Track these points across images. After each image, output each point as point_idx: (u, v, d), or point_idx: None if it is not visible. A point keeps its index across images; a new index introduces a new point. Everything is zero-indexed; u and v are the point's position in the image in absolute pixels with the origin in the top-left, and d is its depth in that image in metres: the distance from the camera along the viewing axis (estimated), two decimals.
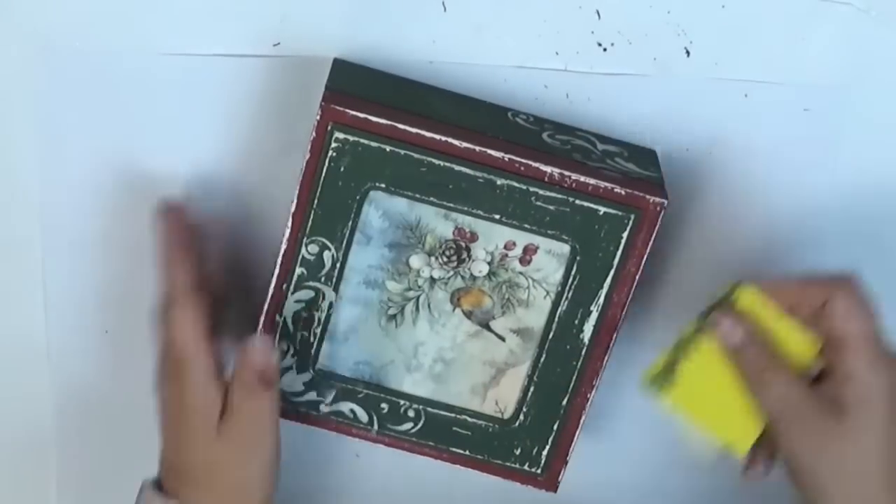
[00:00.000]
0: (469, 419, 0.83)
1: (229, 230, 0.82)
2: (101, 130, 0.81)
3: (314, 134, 0.74)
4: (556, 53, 0.79)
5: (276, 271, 0.78)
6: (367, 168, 0.75)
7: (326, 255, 0.78)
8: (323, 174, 0.75)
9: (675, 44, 0.79)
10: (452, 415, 0.83)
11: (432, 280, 0.80)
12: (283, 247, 0.77)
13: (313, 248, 0.77)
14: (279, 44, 0.78)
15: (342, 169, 0.75)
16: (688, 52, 0.79)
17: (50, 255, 0.84)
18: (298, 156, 0.75)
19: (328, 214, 0.76)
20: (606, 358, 0.80)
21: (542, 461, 0.84)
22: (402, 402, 0.82)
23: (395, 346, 0.82)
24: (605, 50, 0.79)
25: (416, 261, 0.79)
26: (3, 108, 0.80)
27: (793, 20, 0.78)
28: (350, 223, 0.77)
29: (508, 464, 0.84)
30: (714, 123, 0.81)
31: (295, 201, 0.76)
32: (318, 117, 0.74)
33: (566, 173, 0.75)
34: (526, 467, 0.84)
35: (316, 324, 0.80)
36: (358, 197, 0.76)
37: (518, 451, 0.84)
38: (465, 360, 0.82)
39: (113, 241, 0.84)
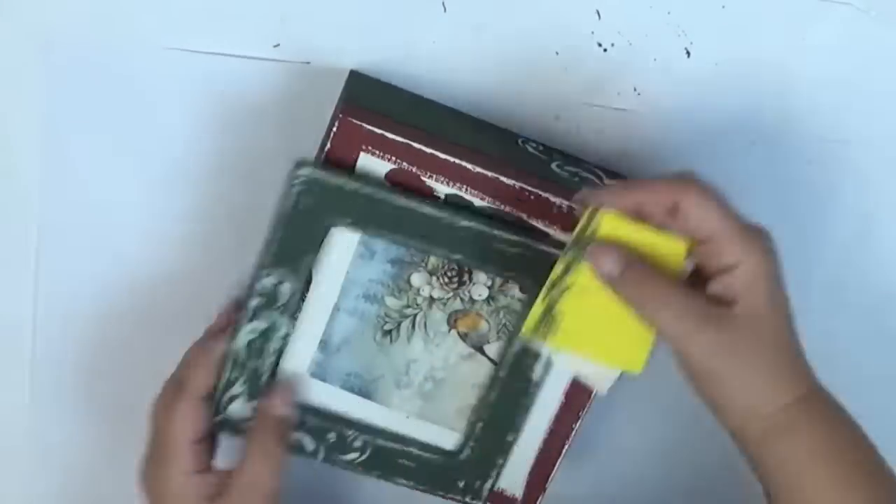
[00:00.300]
0: (415, 451, 0.82)
1: None
2: (102, 129, 0.80)
3: (329, 145, 0.74)
4: (556, 53, 0.79)
5: None
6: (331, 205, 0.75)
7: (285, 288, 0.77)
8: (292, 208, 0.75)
9: (675, 44, 0.79)
10: (399, 446, 0.82)
11: (431, 299, 0.79)
12: None
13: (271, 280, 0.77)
14: (279, 45, 0.78)
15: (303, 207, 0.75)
16: (688, 53, 0.79)
17: (46, 256, 0.84)
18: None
19: (290, 247, 0.76)
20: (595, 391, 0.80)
21: (484, 495, 0.83)
22: (350, 432, 0.81)
23: (388, 362, 0.81)
24: (605, 50, 0.79)
25: (417, 279, 0.79)
26: (3, 108, 0.80)
27: (793, 20, 0.79)
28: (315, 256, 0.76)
29: (451, 495, 0.84)
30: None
31: None
32: (334, 129, 0.74)
33: (574, 206, 0.75)
34: (468, 500, 0.84)
35: (268, 354, 0.79)
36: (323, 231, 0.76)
37: (461, 485, 0.83)
38: (455, 382, 0.82)
39: (112, 241, 0.84)
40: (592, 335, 0.72)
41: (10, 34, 0.77)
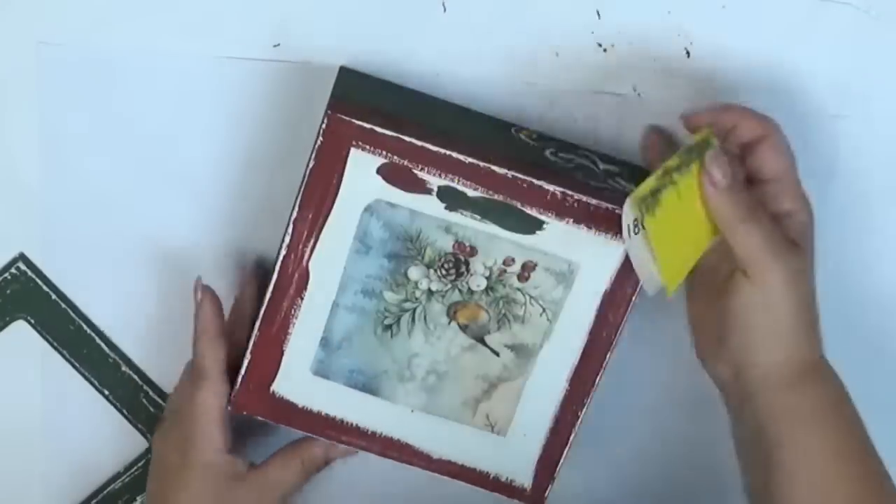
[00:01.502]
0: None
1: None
2: (101, 130, 0.80)
3: (319, 142, 0.74)
4: (556, 54, 0.79)
5: (274, 278, 0.77)
6: None
7: None
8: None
9: (675, 44, 0.79)
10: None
11: (430, 292, 0.79)
12: (282, 253, 0.77)
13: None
14: (279, 45, 0.78)
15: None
16: (688, 53, 0.79)
17: (49, 256, 0.84)
18: (298, 159, 0.75)
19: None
20: (599, 376, 0.80)
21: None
22: None
23: (390, 357, 0.81)
24: (605, 50, 0.79)
25: (414, 272, 0.78)
26: (3, 108, 0.80)
27: (793, 20, 0.79)
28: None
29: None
30: None
31: (297, 209, 0.75)
32: (323, 126, 0.73)
33: (568, 192, 0.75)
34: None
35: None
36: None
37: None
38: (458, 374, 0.82)
39: (112, 241, 0.84)
40: (670, 238, 0.74)
41: (10, 34, 0.78)
